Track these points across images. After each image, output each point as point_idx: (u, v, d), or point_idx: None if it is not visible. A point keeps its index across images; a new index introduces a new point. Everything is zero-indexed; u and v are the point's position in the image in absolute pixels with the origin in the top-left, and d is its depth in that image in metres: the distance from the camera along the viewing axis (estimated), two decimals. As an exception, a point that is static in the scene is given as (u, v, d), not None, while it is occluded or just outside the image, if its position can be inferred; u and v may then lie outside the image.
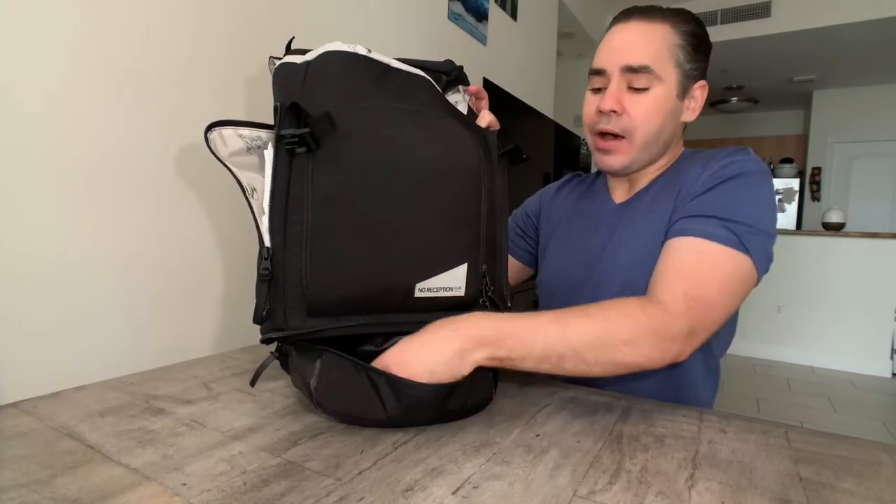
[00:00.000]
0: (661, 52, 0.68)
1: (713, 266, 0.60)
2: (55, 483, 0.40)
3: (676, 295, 0.57)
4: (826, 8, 3.61)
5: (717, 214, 0.62)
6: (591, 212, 0.82)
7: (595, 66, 0.72)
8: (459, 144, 0.55)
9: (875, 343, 3.36)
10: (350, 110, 0.51)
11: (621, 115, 0.69)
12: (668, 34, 0.69)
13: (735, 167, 0.65)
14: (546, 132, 2.63)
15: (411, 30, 1.44)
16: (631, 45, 0.69)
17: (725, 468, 0.45)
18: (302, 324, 0.50)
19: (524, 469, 0.44)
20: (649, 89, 0.69)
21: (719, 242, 0.60)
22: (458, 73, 0.62)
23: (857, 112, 5.52)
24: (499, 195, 0.60)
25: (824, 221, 3.68)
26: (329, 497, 0.39)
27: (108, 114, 0.70)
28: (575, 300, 0.77)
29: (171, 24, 0.78)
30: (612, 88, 0.69)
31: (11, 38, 0.60)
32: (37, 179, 0.63)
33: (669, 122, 0.71)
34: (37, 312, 0.64)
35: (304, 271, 0.49)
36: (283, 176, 0.51)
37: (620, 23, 0.72)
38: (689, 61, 0.70)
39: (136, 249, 0.74)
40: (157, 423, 0.52)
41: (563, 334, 0.53)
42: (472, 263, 0.54)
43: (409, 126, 0.53)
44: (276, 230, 0.51)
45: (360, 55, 0.55)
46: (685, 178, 0.69)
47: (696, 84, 0.72)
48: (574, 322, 0.54)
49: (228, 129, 0.55)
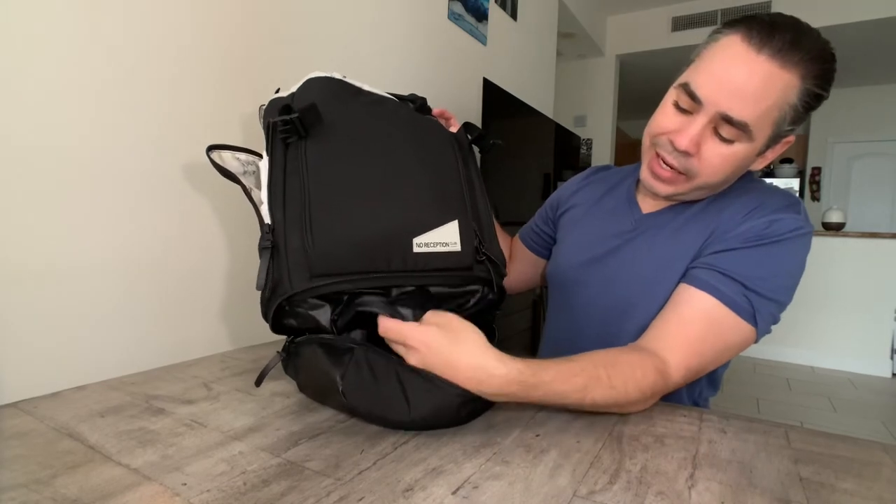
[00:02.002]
0: (770, 111, 0.59)
1: (719, 336, 0.61)
2: (55, 483, 0.40)
3: (682, 367, 0.59)
4: (826, 8, 3.62)
5: (743, 281, 0.60)
6: (614, 213, 0.79)
7: (693, 88, 0.61)
8: (433, 127, 0.63)
9: (875, 343, 3.36)
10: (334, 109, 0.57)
11: (692, 157, 0.63)
12: (791, 90, 0.58)
13: (780, 227, 0.61)
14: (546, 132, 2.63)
15: (411, 30, 1.44)
16: (744, 93, 0.58)
17: (725, 468, 0.45)
18: (306, 283, 0.51)
19: (524, 469, 0.44)
20: (734, 143, 0.61)
21: (734, 311, 0.60)
22: (422, 102, 0.68)
23: (857, 112, 5.53)
24: (473, 171, 0.63)
25: (824, 221, 3.68)
26: (329, 497, 0.39)
27: (111, 115, 0.70)
28: (578, 297, 0.78)
29: (174, 25, 0.78)
30: (696, 130, 0.61)
31: (12, 38, 0.60)
32: (38, 180, 0.63)
33: (737, 173, 0.66)
34: (37, 312, 0.63)
35: (305, 235, 0.51)
36: (279, 160, 0.55)
37: (751, 47, 0.57)
38: (792, 122, 0.61)
39: (136, 249, 0.74)
40: (158, 423, 0.52)
41: (584, 398, 0.53)
42: (462, 220, 0.55)
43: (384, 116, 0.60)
44: (275, 207, 0.54)
45: (335, 78, 0.61)
46: (723, 217, 0.66)
47: (783, 139, 0.65)
48: (595, 392, 0.53)
49: (227, 153, 0.62)
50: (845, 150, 5.63)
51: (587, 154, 4.39)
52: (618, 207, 0.80)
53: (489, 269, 0.56)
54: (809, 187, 5.81)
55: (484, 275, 0.56)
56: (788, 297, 0.63)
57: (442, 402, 0.49)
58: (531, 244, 0.96)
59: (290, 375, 0.60)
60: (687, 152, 0.62)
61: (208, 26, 0.83)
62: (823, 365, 3.50)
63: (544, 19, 2.59)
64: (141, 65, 0.74)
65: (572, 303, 0.79)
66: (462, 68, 1.77)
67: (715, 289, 0.61)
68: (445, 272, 0.54)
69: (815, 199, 5.76)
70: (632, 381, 0.55)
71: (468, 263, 0.55)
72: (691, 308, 0.62)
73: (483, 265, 0.56)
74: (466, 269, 0.55)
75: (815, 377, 3.30)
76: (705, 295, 0.61)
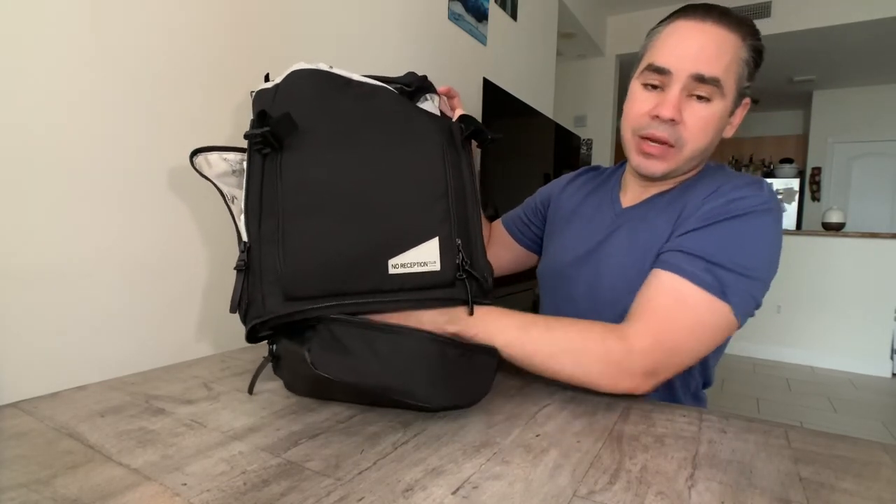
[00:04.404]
0: (731, 65, 0.64)
1: (687, 311, 0.59)
2: (55, 483, 0.40)
3: (643, 333, 0.58)
4: (826, 8, 3.62)
5: (705, 256, 0.60)
6: (597, 210, 0.82)
7: (658, 62, 0.66)
8: (419, 129, 0.58)
9: (875, 343, 3.36)
10: (314, 111, 0.55)
11: (678, 124, 0.66)
12: (739, 47, 0.65)
13: (740, 204, 0.62)
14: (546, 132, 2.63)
15: (411, 30, 1.44)
16: (707, 51, 0.63)
17: (725, 468, 0.45)
18: (280, 308, 0.51)
19: (524, 469, 0.44)
20: (711, 101, 0.65)
21: (700, 287, 0.59)
22: (420, 83, 0.63)
23: (857, 112, 5.53)
24: (466, 175, 0.59)
25: (824, 221, 3.68)
26: (329, 497, 0.39)
27: (112, 117, 0.70)
28: (567, 295, 0.79)
29: (175, 29, 0.78)
30: (674, 95, 0.65)
31: (14, 39, 0.60)
32: (38, 180, 0.63)
33: (715, 139, 0.69)
34: (37, 312, 0.63)
35: (278, 258, 0.50)
36: (256, 175, 0.54)
37: (696, 20, 0.65)
38: (748, 79, 0.67)
39: (136, 249, 0.74)
40: (157, 423, 0.52)
41: (524, 334, 0.57)
42: (444, 237, 0.53)
43: (370, 118, 0.56)
44: (251, 224, 0.53)
45: (322, 70, 0.58)
46: (686, 201, 0.68)
47: (742, 101, 0.69)
48: (534, 331, 0.58)
49: (213, 155, 0.59)
50: (845, 150, 5.63)
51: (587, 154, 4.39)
52: (601, 205, 0.81)
53: (467, 287, 0.55)
54: (809, 187, 5.81)
55: (461, 296, 0.55)
56: (763, 273, 0.61)
57: (415, 346, 0.49)
58: (514, 231, 0.97)
59: (280, 377, 0.60)
60: (673, 119, 0.65)
61: (207, 26, 0.83)
62: (823, 365, 3.51)
63: (544, 19, 2.59)
64: (140, 65, 0.74)
65: (561, 301, 0.80)
66: (462, 68, 1.77)
67: (678, 267, 0.61)
68: (422, 291, 0.53)
69: (815, 199, 5.76)
70: (573, 325, 0.58)
71: (447, 282, 0.54)
72: (656, 287, 0.62)
73: (463, 283, 0.55)
74: (447, 285, 0.54)
75: (815, 377, 3.30)
76: (669, 274, 0.61)
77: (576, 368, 0.58)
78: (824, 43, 4.06)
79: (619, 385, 0.58)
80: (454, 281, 0.54)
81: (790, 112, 6.38)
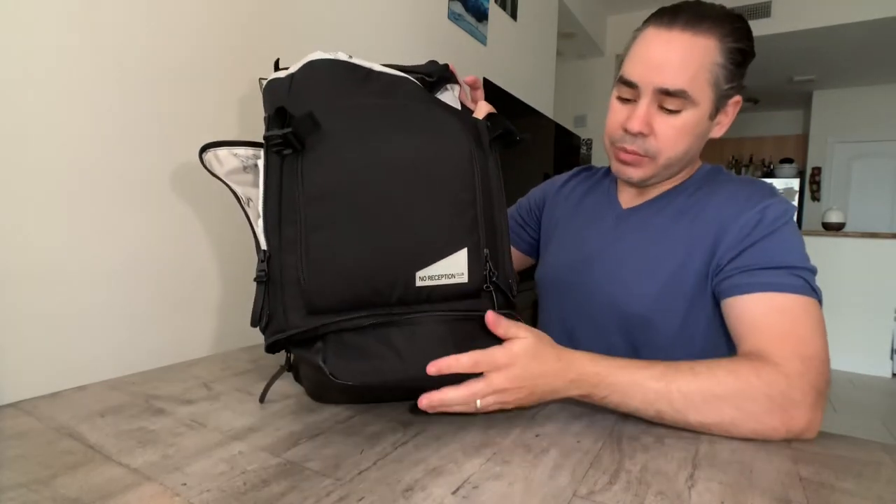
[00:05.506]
0: (700, 73, 0.63)
1: (801, 320, 0.57)
2: (55, 483, 0.40)
3: (788, 357, 0.53)
4: (826, 8, 3.61)
5: (784, 264, 0.60)
6: (596, 211, 0.80)
7: (626, 76, 0.67)
8: (447, 130, 0.54)
9: (875, 343, 3.36)
10: (335, 109, 0.51)
11: (648, 136, 0.66)
12: (712, 51, 0.63)
13: (775, 211, 0.63)
14: (546, 132, 2.63)
15: (411, 30, 1.44)
16: (670, 63, 0.62)
17: (725, 468, 0.45)
18: (303, 322, 0.49)
19: (524, 469, 0.44)
20: (681, 112, 0.64)
21: (793, 293, 0.58)
22: (441, 72, 0.61)
23: (857, 112, 5.52)
24: (493, 179, 0.57)
25: (824, 221, 3.68)
26: (329, 497, 0.39)
27: (110, 117, 0.70)
28: (567, 300, 0.78)
29: (175, 29, 0.78)
30: (642, 110, 0.65)
31: (14, 38, 0.60)
32: (38, 181, 0.63)
33: (696, 143, 0.68)
34: (37, 312, 0.63)
35: (300, 269, 0.48)
36: (274, 179, 0.51)
37: (662, 28, 0.64)
38: (728, 81, 0.65)
39: (136, 249, 0.74)
40: (158, 423, 0.52)
41: (666, 391, 0.51)
42: (472, 248, 0.52)
43: (395, 118, 0.53)
44: (271, 232, 0.51)
45: (341, 61, 0.56)
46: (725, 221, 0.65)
47: (730, 101, 0.68)
48: (679, 380, 0.51)
49: (223, 150, 0.56)
50: (845, 150, 5.63)
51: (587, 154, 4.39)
52: (599, 205, 0.81)
53: (494, 299, 0.54)
54: (809, 187, 5.81)
55: (488, 307, 0.53)
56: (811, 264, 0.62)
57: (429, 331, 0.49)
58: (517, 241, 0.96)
59: (301, 384, 0.60)
60: (641, 132, 0.66)
61: (207, 24, 0.83)
62: (823, 365, 3.50)
63: (544, 19, 2.59)
64: (141, 65, 0.74)
65: (562, 305, 0.79)
66: (462, 68, 1.76)
67: (765, 285, 0.59)
68: (449, 303, 0.51)
69: (815, 199, 5.75)
70: (719, 366, 0.52)
71: (473, 293, 0.52)
72: (763, 314, 0.59)
73: (489, 294, 0.53)
74: (472, 296, 0.52)
75: (815, 377, 3.29)
76: (760, 295, 0.59)
77: (737, 413, 0.50)
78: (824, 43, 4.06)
79: (794, 423, 0.50)
80: (480, 292, 0.53)
81: (790, 112, 6.37)
